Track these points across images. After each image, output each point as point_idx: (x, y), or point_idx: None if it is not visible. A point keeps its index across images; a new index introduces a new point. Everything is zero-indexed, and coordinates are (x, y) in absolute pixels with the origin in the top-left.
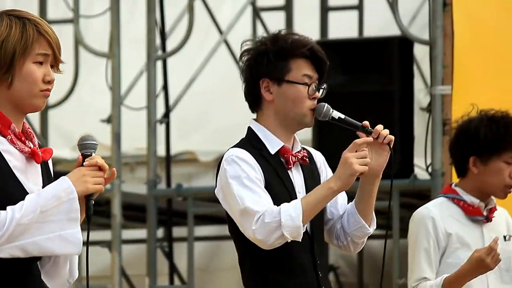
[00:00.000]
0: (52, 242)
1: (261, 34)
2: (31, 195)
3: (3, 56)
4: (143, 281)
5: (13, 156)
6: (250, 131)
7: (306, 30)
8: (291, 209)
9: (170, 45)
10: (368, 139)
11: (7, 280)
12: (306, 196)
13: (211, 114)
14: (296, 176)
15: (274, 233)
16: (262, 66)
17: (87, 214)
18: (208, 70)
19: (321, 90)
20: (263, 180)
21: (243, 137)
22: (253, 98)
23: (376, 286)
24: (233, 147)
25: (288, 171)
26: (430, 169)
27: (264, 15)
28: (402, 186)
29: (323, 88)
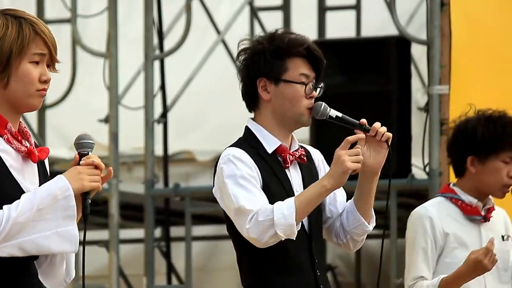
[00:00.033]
0: (48, 239)
1: (258, 34)
2: (27, 194)
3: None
4: (140, 280)
5: (9, 156)
6: (247, 130)
7: (304, 30)
8: (284, 207)
9: (168, 44)
10: (360, 135)
11: (5, 280)
12: (300, 194)
13: (208, 113)
14: (294, 175)
15: (267, 231)
16: (259, 65)
17: (84, 213)
18: (205, 70)
19: (318, 89)
20: (259, 179)
21: (241, 136)
22: (250, 97)
23: (374, 285)
24: (230, 146)
25: (285, 170)
26: (427, 169)
27: (262, 15)
28: (400, 186)
29: (320, 87)
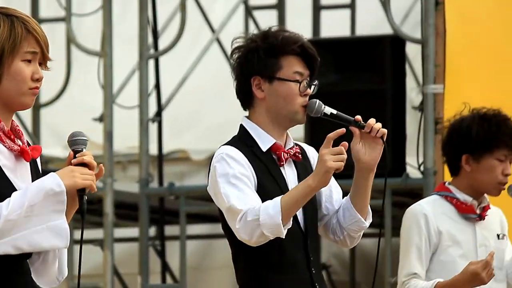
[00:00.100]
0: (39, 234)
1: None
2: (17, 192)
3: None
4: (135, 279)
5: (2, 154)
6: (242, 128)
7: (298, 28)
8: (270, 207)
9: (162, 43)
10: (340, 131)
11: None
12: (286, 194)
13: (203, 112)
14: (289, 172)
15: (255, 231)
16: (252, 63)
17: (81, 209)
18: (200, 69)
19: (312, 87)
20: (253, 177)
21: (235, 135)
22: (244, 95)
23: (368, 284)
24: (224, 144)
25: (280, 168)
26: (422, 167)
27: (256, 14)
28: (394, 184)
29: (314, 84)
